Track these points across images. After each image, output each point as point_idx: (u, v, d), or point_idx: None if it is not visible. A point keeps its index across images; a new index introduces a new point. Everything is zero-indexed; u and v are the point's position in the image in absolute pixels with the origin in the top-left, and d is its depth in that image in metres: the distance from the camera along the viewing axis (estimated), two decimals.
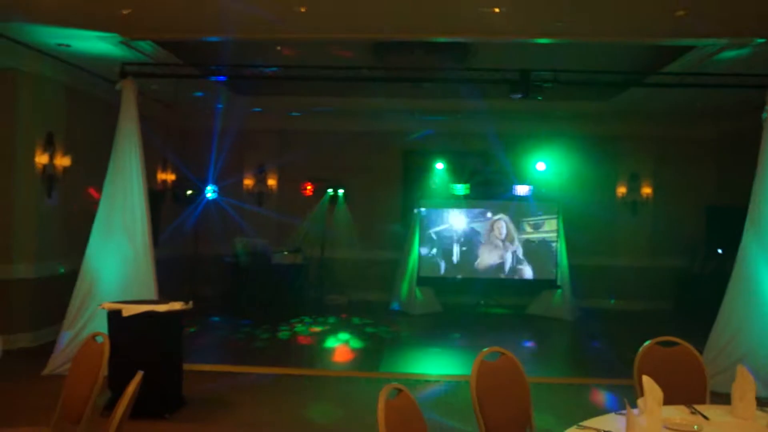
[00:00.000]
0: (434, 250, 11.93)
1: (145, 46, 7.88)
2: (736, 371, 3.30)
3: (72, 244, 8.15)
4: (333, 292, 12.33)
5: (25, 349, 7.95)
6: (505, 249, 11.86)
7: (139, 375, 3.18)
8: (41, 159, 8.22)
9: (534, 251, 11.86)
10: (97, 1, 6.25)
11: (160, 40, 7.93)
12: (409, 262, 11.79)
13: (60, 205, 8.63)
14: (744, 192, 7.46)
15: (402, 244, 12.09)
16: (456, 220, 11.96)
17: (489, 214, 11.90)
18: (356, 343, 9.32)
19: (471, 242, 11.91)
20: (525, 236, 11.85)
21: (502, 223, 11.86)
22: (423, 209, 11.90)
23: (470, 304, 12.09)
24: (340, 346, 9.23)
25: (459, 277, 11.92)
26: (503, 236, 11.84)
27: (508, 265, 11.85)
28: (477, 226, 11.92)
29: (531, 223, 11.82)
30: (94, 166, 8.10)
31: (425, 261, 11.85)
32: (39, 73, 8.20)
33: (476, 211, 11.94)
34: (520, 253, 11.85)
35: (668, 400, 3.17)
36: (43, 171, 8.28)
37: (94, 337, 3.91)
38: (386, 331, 10.14)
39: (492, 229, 11.88)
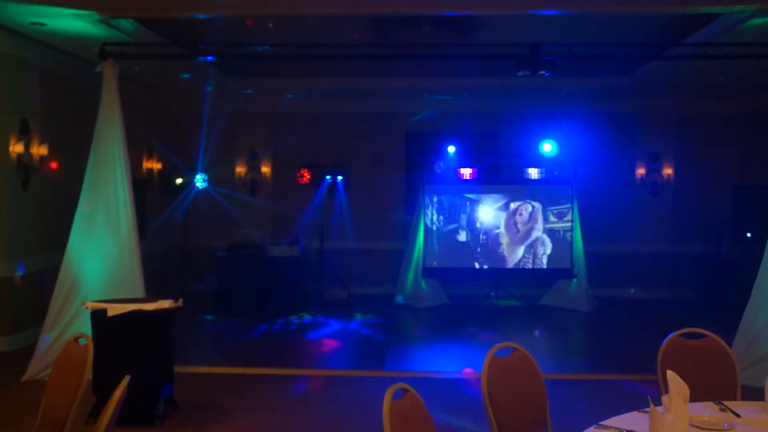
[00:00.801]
0: (439, 239, 11.89)
1: (126, 24, 7.82)
2: None
3: (51, 239, 8.12)
4: (333, 286, 12.30)
5: (1, 353, 7.92)
6: (526, 242, 11.76)
7: (126, 379, 3.16)
8: (16, 148, 8.17)
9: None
10: None
11: (142, 18, 7.86)
12: (414, 252, 11.74)
13: (37, 198, 8.59)
14: None
15: (406, 233, 12.06)
16: (464, 206, 11.90)
17: (506, 202, 11.81)
18: (359, 340, 9.32)
19: (481, 230, 11.86)
20: (549, 226, 11.75)
21: (528, 208, 11.76)
22: (427, 195, 11.84)
23: (479, 296, 12.07)
24: (342, 343, 9.23)
25: (467, 267, 11.88)
26: (527, 222, 11.75)
27: (525, 260, 11.79)
28: (488, 212, 11.85)
29: (555, 212, 11.72)
30: (73, 155, 8.07)
31: (431, 251, 11.81)
32: (11, 54, 8.12)
33: (487, 196, 11.87)
34: (542, 246, 11.78)
35: (695, 397, 3.15)
36: (18, 161, 8.22)
37: (76, 339, 3.89)
38: (390, 326, 10.15)
39: (514, 215, 11.78)
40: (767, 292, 7.03)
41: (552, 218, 11.72)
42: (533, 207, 11.72)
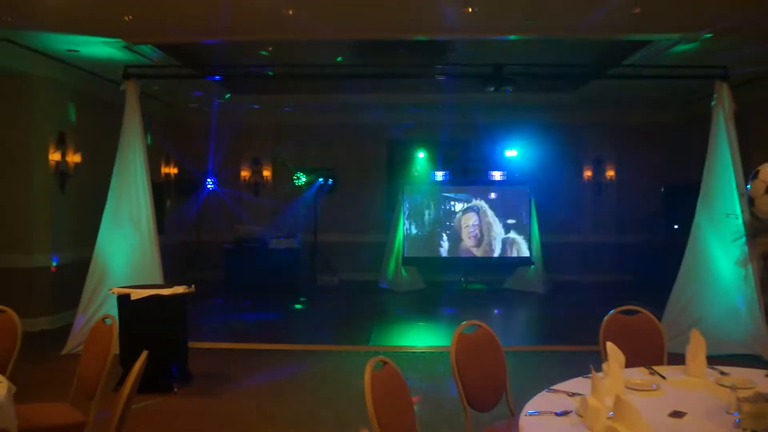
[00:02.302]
0: (417, 232, 11.92)
1: (146, 49, 7.79)
2: (690, 334, 3.34)
3: (84, 234, 8.09)
4: (325, 274, 12.32)
5: (45, 331, 7.98)
6: (483, 242, 11.81)
7: (144, 354, 3.15)
8: (54, 156, 8.16)
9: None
10: (102, 9, 6.21)
11: (160, 44, 7.84)
12: (395, 244, 11.79)
13: (72, 199, 8.57)
14: (696, 172, 7.54)
15: (388, 228, 12.08)
16: (437, 204, 11.93)
17: (465, 204, 11.82)
18: (347, 320, 9.33)
19: (452, 224, 11.89)
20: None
21: (473, 220, 11.79)
22: (406, 195, 11.87)
23: (452, 282, 12.12)
24: (332, 322, 9.23)
25: (441, 256, 11.92)
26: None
27: (488, 250, 11.85)
28: (457, 208, 11.88)
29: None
30: (102, 162, 8.03)
31: (410, 242, 11.84)
32: (51, 76, 8.14)
33: (456, 195, 11.90)
34: (496, 246, 11.81)
35: (630, 363, 3.21)
36: (56, 168, 8.22)
37: (103, 319, 3.89)
38: (374, 308, 10.18)
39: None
40: (689, 275, 7.20)
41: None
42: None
